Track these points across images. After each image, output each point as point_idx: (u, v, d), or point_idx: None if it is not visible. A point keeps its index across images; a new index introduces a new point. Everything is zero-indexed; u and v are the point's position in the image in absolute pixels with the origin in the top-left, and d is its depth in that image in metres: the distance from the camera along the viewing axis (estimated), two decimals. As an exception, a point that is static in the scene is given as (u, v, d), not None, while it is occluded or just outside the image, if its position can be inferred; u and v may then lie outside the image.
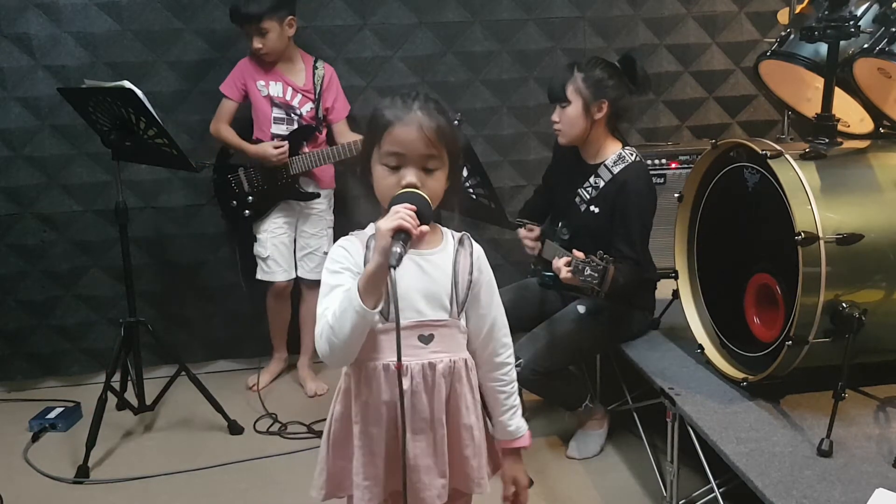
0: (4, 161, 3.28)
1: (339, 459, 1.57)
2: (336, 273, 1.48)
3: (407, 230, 1.34)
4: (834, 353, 2.10)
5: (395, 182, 1.43)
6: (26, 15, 3.19)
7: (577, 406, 2.73)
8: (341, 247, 1.51)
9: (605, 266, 2.16)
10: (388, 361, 1.48)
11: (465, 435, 1.55)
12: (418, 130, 1.43)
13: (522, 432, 1.66)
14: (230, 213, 3.26)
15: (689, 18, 3.61)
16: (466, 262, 1.55)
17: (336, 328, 1.40)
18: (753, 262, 2.33)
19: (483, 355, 1.59)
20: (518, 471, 1.67)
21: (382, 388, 1.49)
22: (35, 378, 3.51)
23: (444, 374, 1.50)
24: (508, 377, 1.63)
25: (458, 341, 1.54)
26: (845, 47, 2.26)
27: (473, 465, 1.57)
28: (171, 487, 2.69)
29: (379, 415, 1.50)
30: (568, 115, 2.59)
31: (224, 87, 3.17)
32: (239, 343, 3.57)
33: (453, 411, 1.54)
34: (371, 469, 1.53)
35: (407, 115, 1.44)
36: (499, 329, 1.59)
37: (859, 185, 2.21)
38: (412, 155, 1.43)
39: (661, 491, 2.48)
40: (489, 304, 1.58)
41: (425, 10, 3.42)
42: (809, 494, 1.81)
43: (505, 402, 1.63)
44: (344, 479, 1.57)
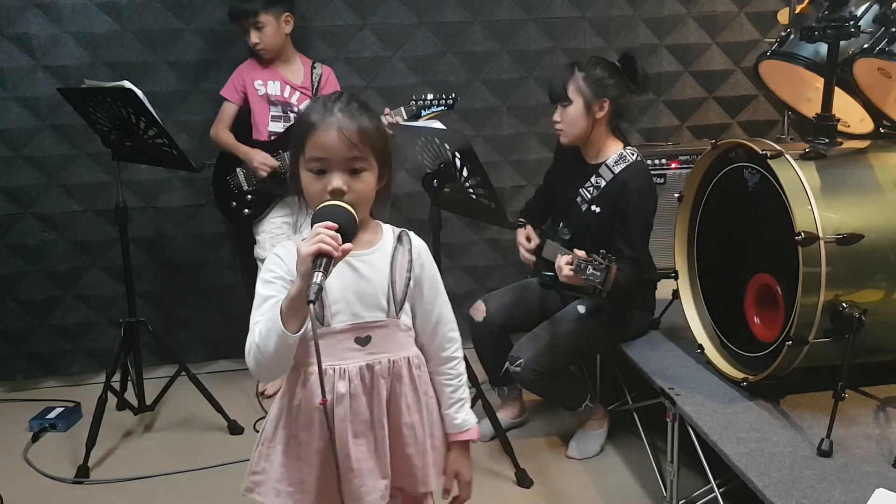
0: (4, 161, 3.28)
1: (262, 460, 1.55)
2: (268, 283, 1.45)
3: (327, 253, 1.29)
4: (834, 353, 2.10)
5: (321, 187, 1.41)
6: (26, 15, 3.19)
7: (577, 406, 2.74)
8: (276, 254, 1.48)
9: (608, 265, 2.16)
10: (324, 366, 1.44)
11: (406, 434, 1.54)
12: (338, 133, 1.40)
13: (469, 426, 1.63)
14: (230, 213, 3.26)
15: (689, 18, 3.61)
16: (405, 259, 1.53)
17: (262, 347, 1.39)
18: (753, 262, 2.33)
19: (430, 350, 1.59)
20: (461, 465, 1.64)
21: (316, 393, 1.45)
22: (35, 378, 3.51)
23: (382, 375, 1.49)
24: (455, 371, 1.62)
25: (399, 340, 1.52)
26: (845, 47, 2.26)
27: (416, 463, 1.56)
28: (171, 487, 2.70)
29: (310, 419, 1.48)
30: (569, 115, 2.59)
31: (225, 91, 3.19)
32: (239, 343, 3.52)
33: (394, 411, 1.52)
34: (296, 475, 1.51)
35: (326, 119, 1.41)
36: (445, 324, 1.59)
37: (859, 185, 2.20)
38: (335, 158, 1.41)
39: (661, 491, 2.48)
40: (433, 299, 1.56)
41: (425, 10, 3.42)
42: (809, 494, 1.81)
43: (451, 396, 1.61)
44: (262, 483, 1.55)
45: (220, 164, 3.24)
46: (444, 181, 2.55)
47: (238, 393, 3.34)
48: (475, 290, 3.49)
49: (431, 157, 2.58)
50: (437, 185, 2.55)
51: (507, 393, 2.93)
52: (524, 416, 3.00)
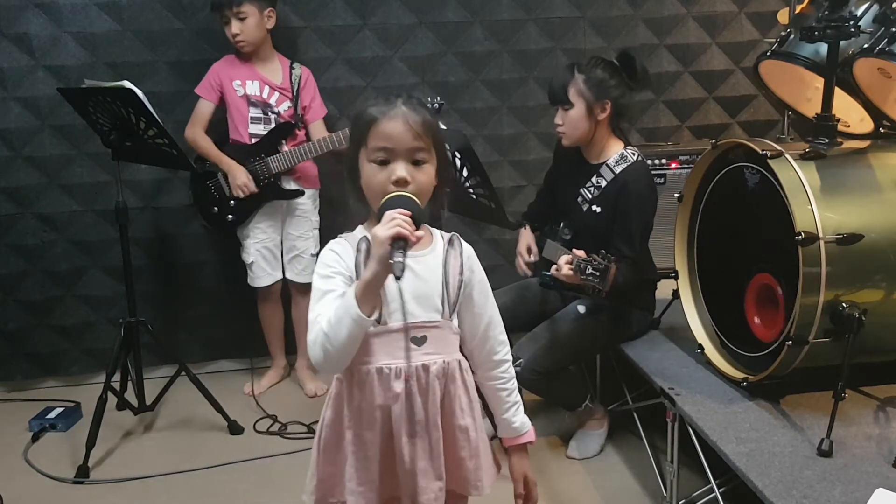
0: (4, 161, 3.28)
1: (329, 465, 1.56)
2: (327, 278, 1.46)
3: (405, 237, 1.32)
4: (834, 353, 2.10)
5: (385, 177, 1.43)
6: (26, 15, 3.19)
7: (577, 406, 2.73)
8: (332, 250, 1.50)
9: (607, 265, 2.16)
10: (381, 365, 1.47)
11: (460, 436, 1.54)
12: (404, 123, 1.44)
13: (527, 428, 1.65)
14: (212, 219, 3.21)
15: (689, 18, 3.61)
16: (457, 262, 1.54)
17: (331, 335, 1.38)
18: (753, 262, 2.32)
19: (481, 354, 1.59)
20: (526, 467, 1.66)
21: (376, 392, 1.48)
22: (35, 378, 3.51)
23: (437, 376, 1.50)
24: (508, 374, 1.62)
25: (451, 342, 1.54)
26: (845, 47, 2.26)
27: (469, 466, 1.57)
28: (171, 487, 2.70)
29: (373, 419, 1.49)
30: (571, 118, 2.58)
31: (200, 88, 3.15)
32: (239, 343, 3.57)
33: (448, 413, 1.53)
34: (365, 474, 1.51)
35: (392, 110, 1.45)
36: (495, 327, 1.59)
37: (859, 185, 2.20)
38: (400, 148, 1.43)
39: (661, 491, 2.48)
40: (483, 303, 1.58)
41: (425, 10, 3.42)
42: (809, 494, 1.81)
43: (507, 400, 1.62)
44: (334, 486, 1.56)
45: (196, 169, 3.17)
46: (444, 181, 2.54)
47: (238, 393, 3.34)
48: (475, 290, 3.49)
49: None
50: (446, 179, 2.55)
51: (507, 393, 2.92)
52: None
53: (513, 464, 1.66)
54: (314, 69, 3.36)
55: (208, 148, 3.12)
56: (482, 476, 1.59)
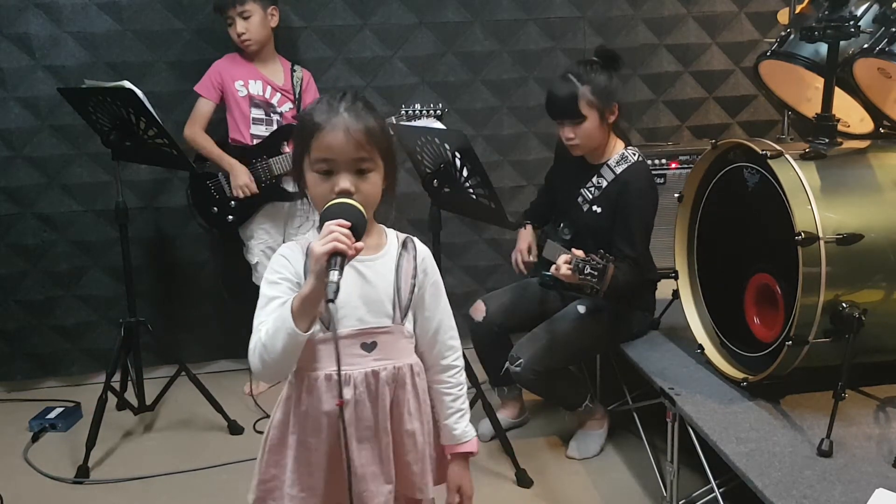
0: (4, 161, 3.28)
1: (271, 467, 1.54)
2: (273, 284, 1.44)
3: (342, 252, 1.28)
4: (834, 353, 2.10)
5: (328, 189, 1.39)
6: (26, 15, 3.19)
7: (577, 406, 2.74)
8: (281, 255, 1.47)
9: (605, 265, 2.16)
10: (329, 371, 1.45)
11: (407, 441, 1.53)
12: (345, 134, 1.38)
13: (469, 437, 1.61)
14: (212, 220, 3.20)
15: (689, 18, 3.61)
16: (410, 265, 1.52)
17: (269, 346, 1.36)
18: (753, 262, 2.32)
19: (429, 358, 1.57)
20: (463, 478, 1.63)
21: (323, 399, 1.46)
22: (35, 378, 3.51)
23: (387, 382, 1.48)
24: (455, 380, 1.60)
25: (403, 347, 1.52)
26: (845, 47, 2.26)
27: (415, 470, 1.56)
28: (171, 487, 2.70)
29: (318, 425, 1.48)
30: (586, 130, 2.54)
31: (200, 87, 3.13)
32: (239, 343, 3.54)
33: (396, 418, 1.51)
34: (307, 480, 1.50)
35: (333, 119, 1.39)
36: (445, 332, 1.57)
37: (859, 185, 2.20)
38: (342, 160, 1.39)
39: (661, 491, 2.48)
40: (434, 306, 1.55)
41: (425, 10, 3.42)
42: (809, 494, 1.81)
43: (451, 405, 1.60)
44: (274, 489, 1.54)
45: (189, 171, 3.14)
46: (444, 181, 2.55)
47: (238, 393, 3.34)
48: (475, 290, 3.49)
49: (431, 157, 2.57)
50: (437, 185, 2.55)
51: (507, 393, 2.93)
52: (524, 416, 3.00)
53: (449, 472, 1.63)
54: (314, 69, 3.36)
55: (209, 147, 3.11)
56: (428, 480, 1.58)
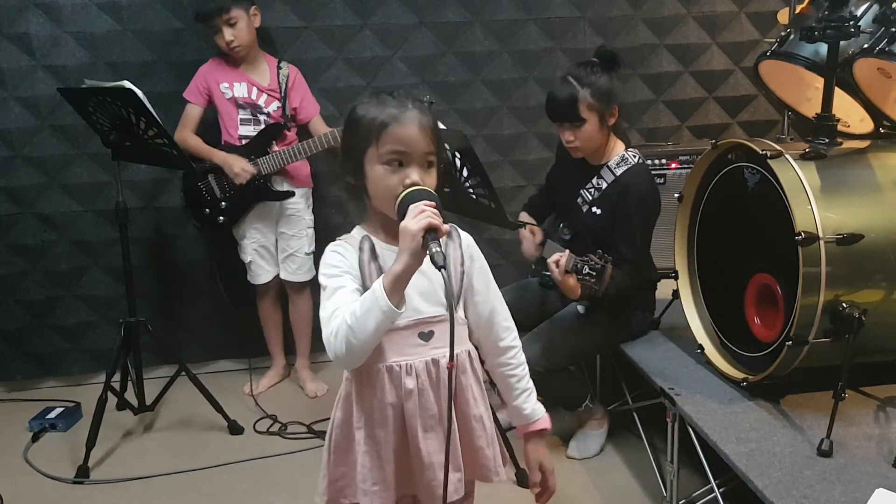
0: (4, 161, 3.28)
1: (340, 466, 1.56)
2: (335, 276, 1.46)
3: (437, 227, 1.32)
4: (834, 353, 2.10)
5: (398, 181, 1.42)
6: (26, 15, 3.19)
7: (577, 406, 2.73)
8: (335, 252, 1.49)
9: (604, 265, 2.16)
10: (390, 363, 1.47)
11: (475, 426, 1.55)
12: (419, 127, 1.43)
13: (540, 415, 1.64)
14: (204, 221, 3.20)
15: (689, 18, 3.61)
16: (457, 253, 1.54)
17: (357, 327, 1.36)
18: (753, 262, 2.32)
19: (487, 342, 1.59)
20: (542, 455, 1.65)
21: (387, 390, 1.48)
22: (35, 378, 3.51)
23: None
24: (516, 360, 1.62)
25: (459, 334, 1.53)
26: (845, 47, 2.26)
27: (488, 454, 1.58)
28: (171, 487, 2.70)
29: (385, 417, 1.49)
30: (586, 133, 2.53)
31: (188, 93, 3.15)
32: (239, 343, 3.57)
33: (461, 404, 1.54)
34: (379, 473, 1.52)
35: (405, 114, 1.44)
36: (499, 313, 1.59)
37: (859, 185, 2.20)
38: (415, 153, 1.43)
39: (661, 491, 2.48)
40: (486, 289, 1.57)
41: (425, 10, 3.42)
42: (809, 494, 1.81)
43: (517, 386, 1.62)
44: (346, 487, 1.56)
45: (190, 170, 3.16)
46: (443, 181, 2.54)
47: (238, 393, 3.34)
48: (475, 290, 3.49)
49: (431, 157, 2.57)
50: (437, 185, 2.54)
51: (508, 393, 2.92)
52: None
53: (527, 452, 1.65)
54: (314, 69, 3.36)
55: (199, 146, 3.12)
56: (500, 462, 1.61)
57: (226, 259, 3.37)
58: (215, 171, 3.13)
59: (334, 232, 1.57)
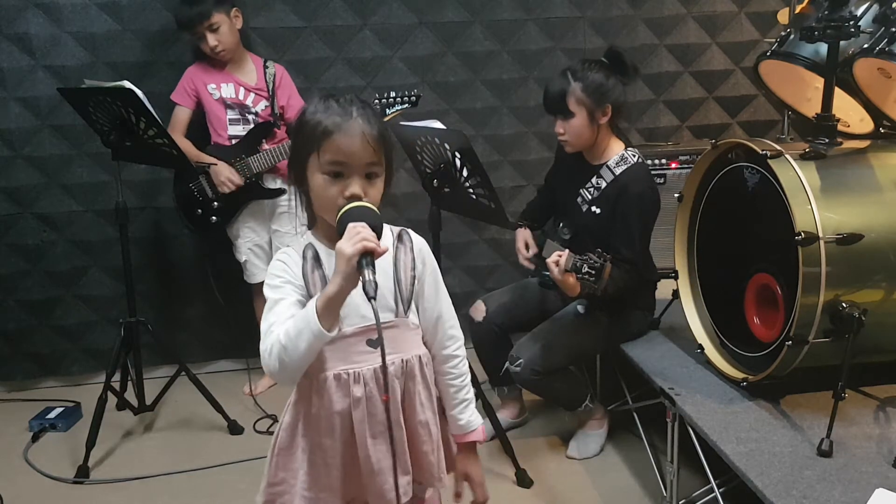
0: (4, 161, 3.28)
1: (280, 470, 1.54)
2: (276, 287, 1.45)
3: (372, 251, 1.29)
4: (834, 353, 2.10)
5: (337, 192, 1.39)
6: (26, 15, 3.19)
7: (577, 406, 2.73)
8: (279, 260, 1.48)
9: (603, 264, 2.16)
10: (338, 371, 1.45)
11: (421, 431, 1.54)
12: (361, 138, 1.39)
13: (474, 426, 1.62)
14: (197, 222, 3.20)
15: (689, 18, 3.61)
16: (408, 257, 1.53)
17: (290, 347, 1.36)
18: (753, 263, 2.32)
19: (431, 348, 1.58)
20: (470, 466, 1.64)
21: (334, 399, 1.46)
22: (35, 378, 3.51)
23: (396, 376, 1.49)
24: (458, 370, 1.61)
25: (409, 339, 1.52)
26: (845, 47, 2.26)
27: (432, 460, 1.57)
28: (171, 487, 2.70)
29: (331, 425, 1.48)
30: (574, 127, 2.56)
31: (175, 95, 3.15)
32: (239, 343, 3.57)
33: (408, 409, 1.52)
34: (325, 480, 1.51)
35: (348, 123, 1.39)
36: (445, 321, 1.58)
37: (859, 185, 2.20)
38: (355, 164, 1.39)
39: (661, 491, 2.48)
40: (434, 296, 1.56)
41: (425, 10, 3.42)
42: (809, 494, 1.81)
43: (455, 396, 1.61)
44: (283, 493, 1.54)
45: (180, 171, 3.16)
46: (444, 181, 2.55)
47: (238, 393, 3.34)
48: (475, 290, 3.49)
49: (431, 158, 2.58)
50: (437, 186, 2.55)
51: (507, 393, 2.93)
52: (524, 416, 3.00)
53: (457, 461, 1.65)
54: (314, 69, 3.37)
55: (188, 150, 3.11)
56: (444, 468, 1.60)
57: (221, 259, 3.37)
58: (206, 173, 3.13)
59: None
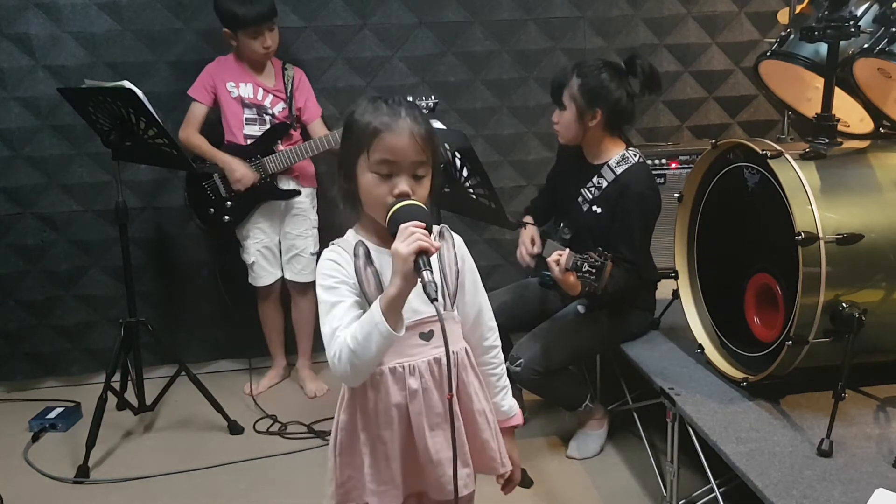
0: (4, 161, 3.28)
1: (346, 469, 1.57)
2: (332, 289, 1.46)
3: (427, 250, 1.31)
4: (834, 353, 2.10)
5: (386, 191, 1.42)
6: (26, 15, 3.19)
7: (577, 406, 2.73)
8: (331, 260, 1.49)
9: (603, 262, 2.16)
10: (394, 364, 1.48)
11: (480, 420, 1.58)
12: (410, 138, 1.42)
13: (515, 411, 1.69)
14: (209, 221, 3.19)
15: (689, 18, 3.61)
16: (450, 254, 1.56)
17: (359, 351, 1.38)
18: (753, 263, 2.32)
19: (472, 341, 1.62)
20: (512, 449, 1.70)
21: (391, 392, 1.49)
22: (35, 378, 3.51)
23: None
24: (497, 359, 1.66)
25: (456, 332, 1.56)
26: (845, 47, 2.26)
27: (493, 446, 1.61)
28: (171, 487, 2.70)
29: (389, 418, 1.50)
30: (564, 119, 2.60)
31: (193, 90, 3.14)
32: (239, 343, 3.57)
33: (465, 399, 1.56)
34: (386, 473, 1.53)
35: (397, 122, 1.42)
36: (485, 313, 1.62)
37: (859, 185, 2.20)
38: (404, 163, 1.42)
39: (661, 491, 2.48)
40: (474, 290, 1.60)
41: (425, 10, 3.42)
42: (809, 494, 1.81)
43: (497, 384, 1.66)
44: (353, 489, 1.57)
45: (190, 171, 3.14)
46: (444, 181, 2.55)
47: (238, 393, 3.34)
48: (475, 290, 3.49)
49: (431, 157, 2.57)
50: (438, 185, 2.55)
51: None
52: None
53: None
54: (314, 69, 3.36)
55: (204, 147, 3.12)
56: (505, 453, 1.65)
57: (226, 260, 3.37)
58: (220, 171, 3.13)
59: (338, 232, 1.57)
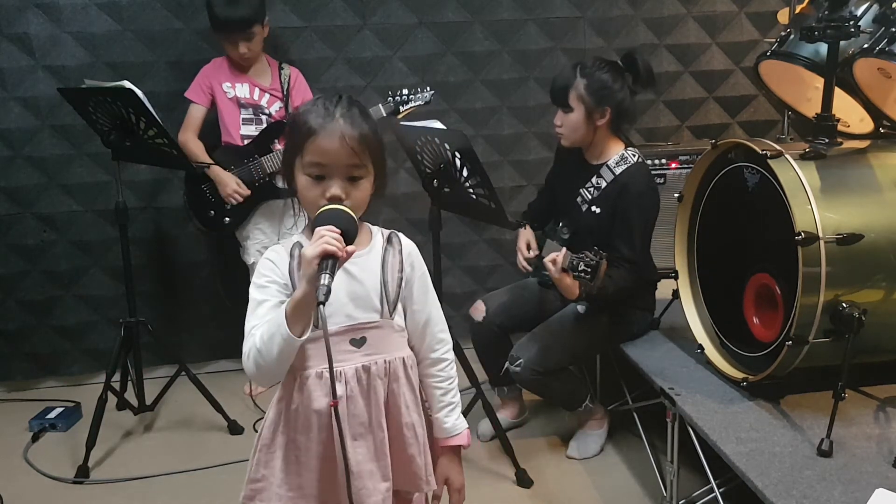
0: (4, 161, 3.28)
1: (261, 467, 1.54)
2: (262, 287, 1.46)
3: (333, 254, 1.30)
4: (834, 353, 2.10)
5: (319, 193, 1.41)
6: (26, 15, 3.19)
7: (577, 406, 2.74)
8: (267, 258, 1.49)
9: (598, 261, 2.17)
10: (320, 369, 1.46)
11: (407, 434, 1.54)
12: (340, 140, 1.39)
13: (459, 430, 1.62)
14: (209, 222, 3.18)
15: (689, 18, 3.61)
16: (396, 260, 1.53)
17: (263, 351, 1.38)
18: (753, 262, 2.32)
19: (420, 351, 1.59)
20: (451, 470, 1.64)
21: (314, 397, 1.46)
22: (35, 378, 3.51)
23: (379, 376, 1.49)
24: (445, 373, 1.61)
25: (394, 340, 1.52)
26: (845, 47, 2.26)
27: (419, 462, 1.56)
28: (171, 487, 2.70)
29: (308, 423, 1.48)
30: (570, 121, 2.57)
31: (190, 92, 3.13)
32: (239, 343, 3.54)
33: (393, 412, 1.52)
34: (295, 479, 1.50)
35: (329, 125, 1.40)
36: (434, 324, 1.58)
37: (859, 185, 2.20)
38: (336, 165, 1.40)
39: (661, 491, 2.48)
40: (423, 299, 1.56)
41: (425, 10, 3.42)
42: (809, 494, 1.81)
43: (441, 399, 1.60)
44: (262, 490, 1.54)
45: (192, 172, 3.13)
46: (444, 181, 2.55)
47: (238, 393, 3.34)
48: (475, 290, 3.49)
49: (431, 157, 2.58)
50: (437, 186, 2.55)
51: (507, 393, 2.93)
52: (524, 416, 3.00)
53: (438, 465, 1.64)
54: (314, 69, 3.36)
55: (199, 154, 3.11)
56: (431, 472, 1.59)
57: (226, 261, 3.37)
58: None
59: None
